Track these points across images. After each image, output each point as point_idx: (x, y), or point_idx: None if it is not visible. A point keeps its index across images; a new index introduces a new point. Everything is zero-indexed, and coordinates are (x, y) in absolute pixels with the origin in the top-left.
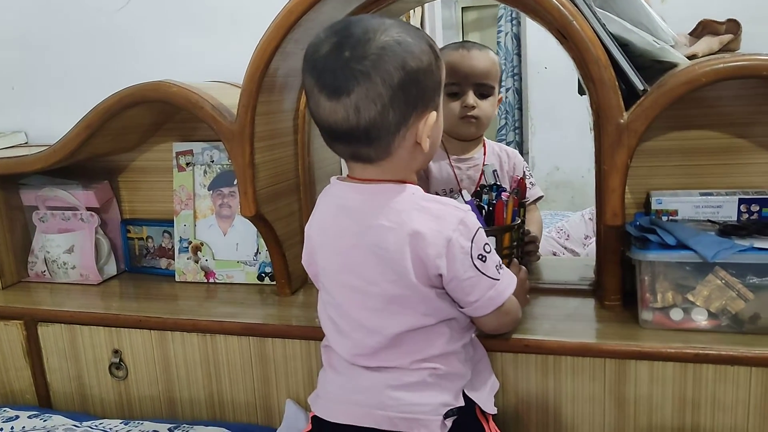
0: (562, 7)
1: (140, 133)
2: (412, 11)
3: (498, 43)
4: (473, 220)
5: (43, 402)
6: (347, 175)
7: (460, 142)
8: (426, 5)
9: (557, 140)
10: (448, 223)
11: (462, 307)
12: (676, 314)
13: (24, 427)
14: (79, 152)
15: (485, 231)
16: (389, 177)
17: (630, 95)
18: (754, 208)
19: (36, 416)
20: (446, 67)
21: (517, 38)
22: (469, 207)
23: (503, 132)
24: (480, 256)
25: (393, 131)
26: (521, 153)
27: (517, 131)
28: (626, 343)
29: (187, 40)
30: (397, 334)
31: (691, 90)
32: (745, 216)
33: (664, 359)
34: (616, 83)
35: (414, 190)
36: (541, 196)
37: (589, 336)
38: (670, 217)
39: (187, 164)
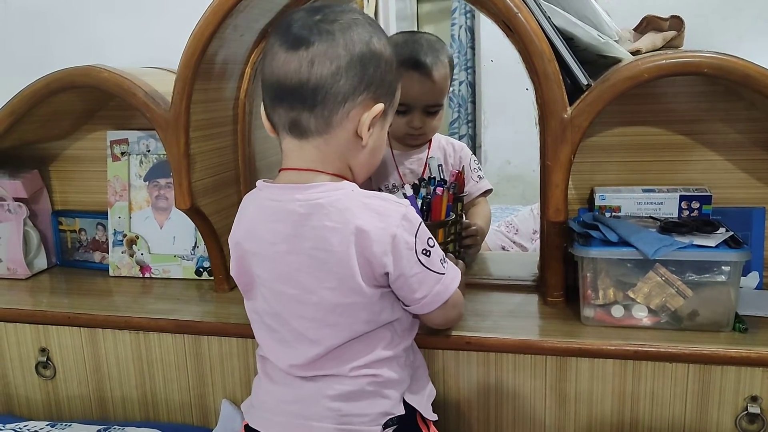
0: None
1: (72, 120)
2: (365, 1)
3: (452, 35)
4: (415, 215)
5: None
6: (281, 170)
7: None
8: None
9: (509, 134)
10: (391, 219)
11: (408, 305)
12: (617, 311)
13: None
14: (4, 139)
15: None
16: (325, 165)
17: (574, 90)
18: (695, 205)
19: None
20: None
21: (471, 31)
22: (408, 202)
23: (456, 125)
24: (424, 251)
25: (339, 101)
26: (473, 146)
27: (470, 125)
28: (567, 340)
29: (125, 24)
30: (337, 344)
31: (634, 85)
32: (686, 213)
33: (604, 356)
34: (560, 77)
35: (353, 187)
36: (489, 190)
37: (530, 333)
38: (613, 214)
39: (122, 154)
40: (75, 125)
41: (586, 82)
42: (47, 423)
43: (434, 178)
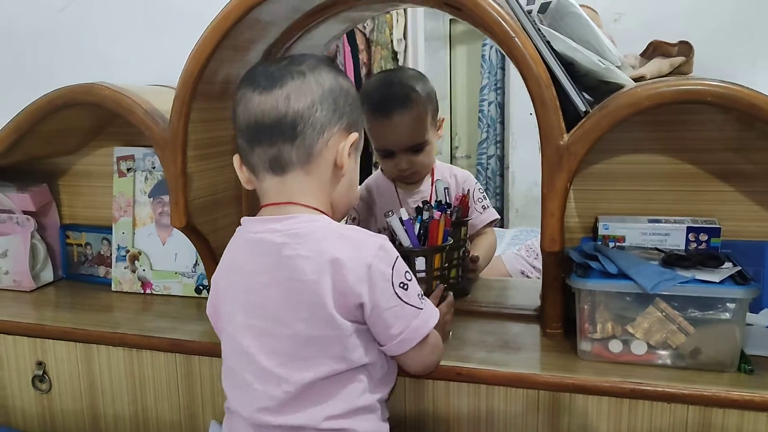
0: (504, 23)
1: (80, 136)
2: (395, 21)
3: (482, 56)
4: (392, 247)
5: None
6: (261, 206)
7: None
8: (410, 16)
9: (537, 156)
10: (367, 250)
11: (383, 344)
12: (615, 346)
13: None
14: (12, 155)
15: (417, 251)
16: (306, 198)
17: (579, 118)
18: (703, 237)
19: None
20: (371, 133)
21: (502, 52)
22: (385, 237)
23: (484, 145)
24: (401, 284)
25: (318, 130)
26: (501, 167)
27: (498, 145)
28: (561, 375)
29: (134, 42)
30: (308, 383)
31: (634, 113)
32: (693, 245)
33: (599, 393)
34: (557, 103)
35: (329, 221)
36: (495, 220)
37: (524, 366)
38: (617, 244)
39: (128, 170)
40: (83, 141)
41: (584, 109)
42: None
43: (440, 201)
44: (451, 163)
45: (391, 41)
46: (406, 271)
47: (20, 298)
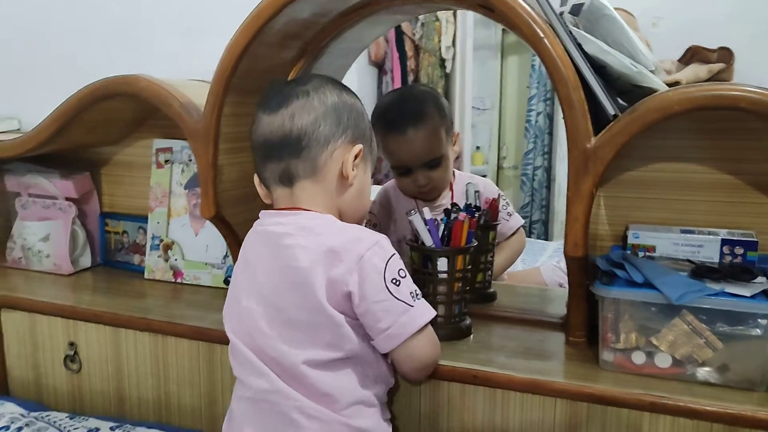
0: (533, 23)
1: (122, 127)
2: (444, 28)
3: (533, 66)
4: (389, 245)
5: (1, 388)
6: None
7: None
8: (459, 23)
9: None
10: (362, 243)
11: (373, 339)
12: (638, 357)
13: None
14: (54, 141)
15: (439, 251)
16: (314, 205)
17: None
18: (738, 250)
19: None
20: (386, 151)
21: None
22: (385, 236)
23: (530, 156)
24: (394, 281)
25: (322, 143)
26: (548, 179)
27: (545, 156)
28: (580, 383)
29: (178, 38)
30: (302, 362)
31: (664, 118)
32: (728, 258)
33: (618, 405)
34: (585, 106)
35: (335, 219)
36: (520, 227)
37: (542, 373)
38: (647, 254)
39: (166, 161)
40: (125, 132)
41: (613, 113)
42: (67, 415)
43: (469, 204)
44: (497, 174)
45: (440, 48)
46: (401, 269)
47: (59, 281)
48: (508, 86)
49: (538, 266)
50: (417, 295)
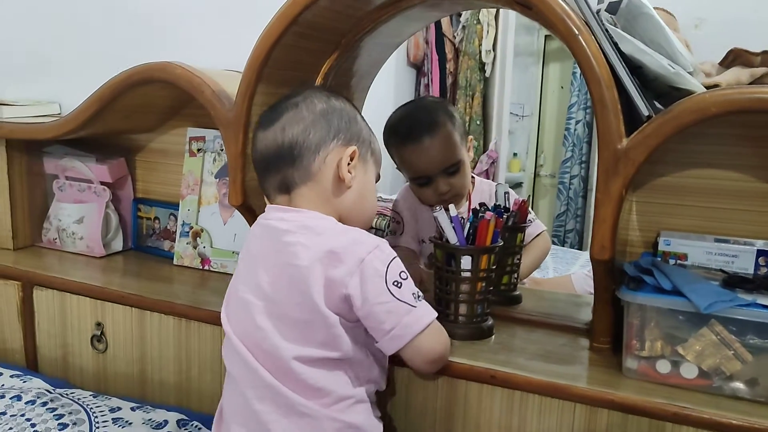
0: (567, 20)
1: (158, 114)
2: (485, 31)
3: (573, 74)
4: (389, 249)
5: (31, 364)
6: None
7: None
8: (501, 27)
9: None
10: (363, 246)
11: (378, 341)
12: (663, 366)
13: (3, 384)
14: (92, 125)
15: (463, 249)
16: (314, 210)
17: None
18: None
19: (18, 376)
20: (404, 163)
21: None
22: (385, 240)
23: (568, 165)
24: (395, 282)
25: (314, 150)
26: (585, 188)
27: (582, 165)
28: (601, 389)
29: (216, 28)
30: (293, 358)
31: (700, 120)
32: (764, 270)
33: (639, 413)
34: (618, 105)
35: (336, 222)
36: (541, 232)
37: (562, 377)
38: (678, 261)
39: (198, 150)
40: (161, 120)
41: (647, 113)
42: (91, 393)
43: (498, 204)
44: (534, 182)
45: (480, 52)
46: (402, 272)
47: (91, 263)
48: (548, 93)
49: (569, 274)
50: (419, 296)
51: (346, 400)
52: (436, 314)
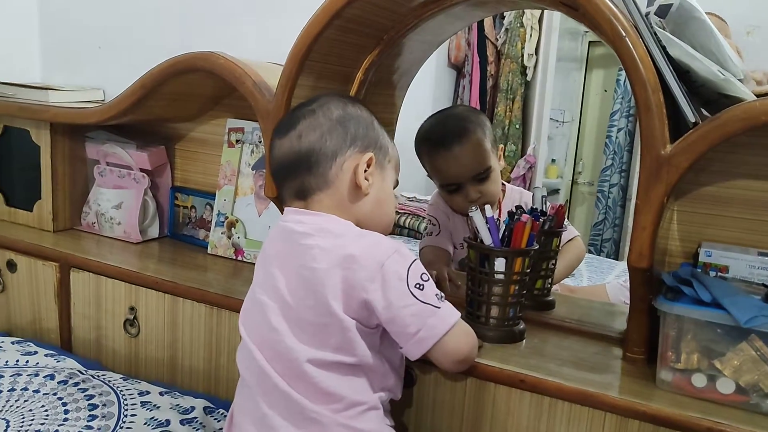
0: (614, 21)
1: (199, 103)
2: (528, 35)
3: (617, 81)
4: (408, 252)
5: (65, 344)
6: None
7: None
8: (544, 31)
9: None
10: (382, 250)
11: (402, 346)
12: (699, 380)
13: (37, 363)
14: (134, 111)
15: (497, 251)
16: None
17: None
18: None
19: (52, 356)
20: (435, 170)
21: None
22: (402, 243)
23: (607, 173)
24: (417, 285)
25: (330, 157)
26: (624, 197)
27: (622, 174)
28: (633, 400)
29: (260, 21)
30: (306, 360)
31: (748, 128)
32: None
33: (672, 427)
34: (664, 110)
35: (353, 226)
36: (573, 237)
37: (594, 385)
38: (719, 274)
39: (237, 141)
40: (202, 109)
41: (693, 119)
42: (121, 376)
43: (534, 208)
44: (571, 189)
45: (522, 56)
46: (423, 273)
47: (127, 248)
48: (590, 100)
49: (604, 284)
50: (441, 297)
51: (358, 406)
52: (459, 314)
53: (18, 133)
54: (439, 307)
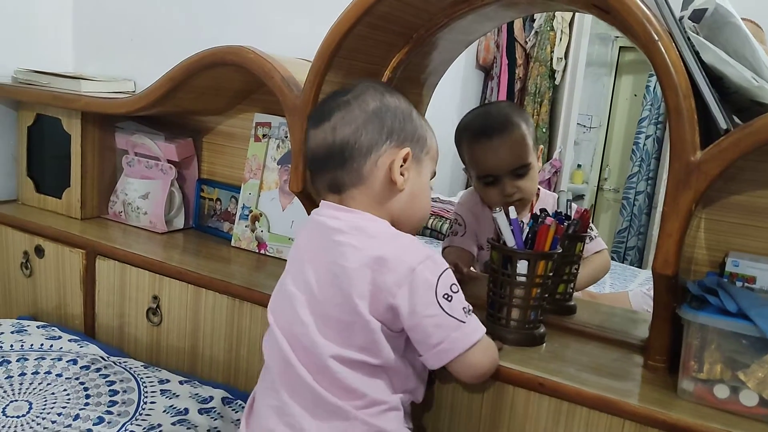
0: (647, 24)
1: (227, 97)
2: (558, 39)
3: (647, 87)
4: (441, 260)
5: (89, 330)
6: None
7: None
8: (574, 35)
9: None
10: (415, 255)
11: (422, 354)
12: (721, 391)
13: (61, 348)
14: (164, 103)
15: (520, 253)
16: (366, 210)
17: None
18: None
19: (75, 341)
20: (473, 160)
21: None
22: (437, 251)
23: (634, 180)
24: (446, 296)
25: (365, 152)
26: (650, 205)
27: (649, 182)
28: (653, 408)
29: (291, 17)
30: (330, 356)
31: None
32: None
33: None
34: (695, 116)
35: (389, 225)
36: (600, 250)
37: (614, 391)
38: (746, 284)
39: (263, 136)
40: (230, 103)
41: (725, 126)
42: (142, 364)
43: (559, 211)
44: (596, 195)
45: (551, 59)
46: (453, 284)
47: (152, 238)
48: (618, 106)
49: (626, 291)
50: (469, 310)
51: (380, 405)
52: (484, 330)
53: (50, 121)
54: (464, 322)
